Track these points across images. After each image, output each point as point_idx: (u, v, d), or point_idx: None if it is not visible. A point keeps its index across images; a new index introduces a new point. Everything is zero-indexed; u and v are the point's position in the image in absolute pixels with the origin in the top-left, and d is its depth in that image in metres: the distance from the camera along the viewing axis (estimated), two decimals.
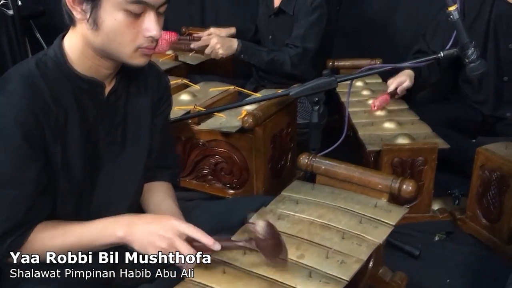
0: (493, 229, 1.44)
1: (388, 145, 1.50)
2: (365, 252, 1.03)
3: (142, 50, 0.92)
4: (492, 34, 1.86)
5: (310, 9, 2.07)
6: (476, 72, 1.34)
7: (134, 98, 1.05)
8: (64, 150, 0.92)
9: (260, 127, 1.51)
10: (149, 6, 0.88)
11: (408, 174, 1.51)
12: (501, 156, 1.39)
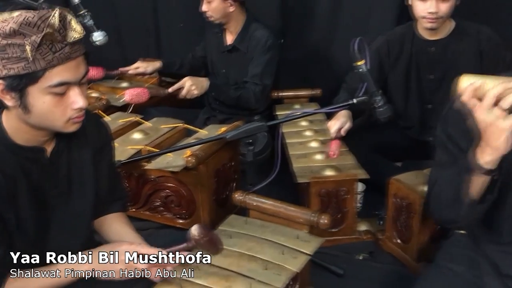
0: (405, 249, 1.66)
1: (315, 178, 1.71)
2: (283, 281, 1.22)
3: (73, 120, 1.06)
4: (414, 67, 2.07)
5: (265, 48, 2.29)
6: (384, 116, 1.56)
7: (76, 151, 1.19)
8: (16, 213, 1.07)
9: (203, 164, 1.70)
10: (72, 83, 1.02)
11: (333, 203, 1.72)
12: (408, 186, 1.62)
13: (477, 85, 1.03)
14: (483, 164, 1.08)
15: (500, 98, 1.01)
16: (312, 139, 2.02)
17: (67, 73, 0.99)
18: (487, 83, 1.02)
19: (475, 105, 1.04)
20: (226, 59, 2.40)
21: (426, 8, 1.83)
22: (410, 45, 2.05)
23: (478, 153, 1.08)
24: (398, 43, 2.07)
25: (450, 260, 1.34)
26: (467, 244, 1.37)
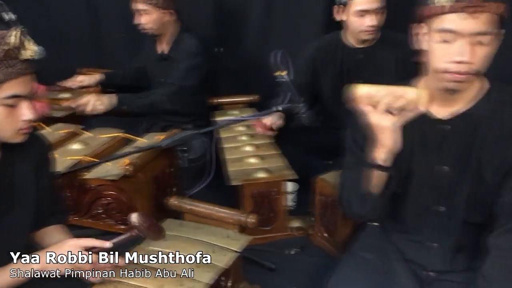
0: (332, 242, 1.81)
1: (247, 180, 1.84)
2: (212, 277, 1.34)
3: (22, 130, 1.17)
4: (345, 74, 2.22)
5: (191, 54, 2.39)
6: (307, 121, 1.70)
7: (19, 166, 1.28)
8: None
9: (141, 172, 1.79)
10: (23, 97, 1.13)
11: (266, 203, 1.85)
12: (332, 185, 1.77)
13: (371, 93, 1.18)
14: (379, 161, 1.24)
15: (389, 105, 1.17)
16: (247, 143, 2.14)
17: (20, 87, 1.11)
18: (379, 91, 1.18)
19: (369, 111, 1.20)
20: (162, 68, 2.49)
21: (366, 22, 2.00)
22: (340, 53, 2.21)
23: (375, 152, 1.24)
24: (328, 50, 2.22)
25: (363, 249, 1.50)
26: (378, 234, 1.53)
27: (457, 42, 1.17)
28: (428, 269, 1.42)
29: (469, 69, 1.18)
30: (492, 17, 1.15)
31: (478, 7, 1.13)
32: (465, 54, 1.16)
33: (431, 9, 1.19)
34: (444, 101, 1.30)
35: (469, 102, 1.30)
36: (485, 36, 1.16)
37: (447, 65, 1.20)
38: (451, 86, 1.24)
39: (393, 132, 1.19)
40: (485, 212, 1.35)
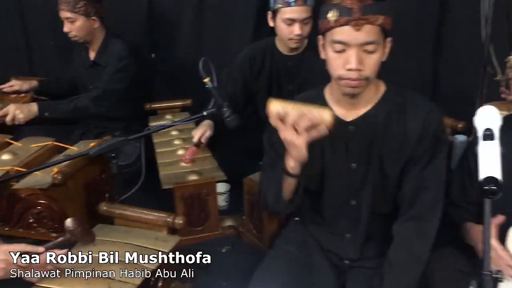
0: (260, 238, 1.91)
1: (178, 183, 1.90)
2: (140, 279, 1.40)
3: None
4: (275, 79, 2.31)
5: (117, 58, 2.41)
6: (232, 125, 1.79)
7: None
8: None
9: (71, 180, 1.81)
10: None
11: (197, 204, 1.92)
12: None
13: (281, 111, 1.28)
14: (289, 169, 1.35)
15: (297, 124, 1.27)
16: (180, 147, 2.21)
17: None
18: (290, 110, 1.28)
19: (279, 127, 1.30)
20: (91, 75, 2.50)
21: (293, 31, 2.10)
22: (271, 59, 2.29)
23: (286, 160, 1.35)
24: (259, 57, 2.29)
25: (285, 243, 1.61)
26: (299, 228, 1.65)
27: (347, 52, 1.29)
28: (343, 258, 1.55)
29: (359, 76, 1.31)
30: (374, 28, 1.28)
31: (359, 20, 1.26)
32: (354, 62, 1.29)
33: (324, 23, 1.32)
34: (347, 105, 1.43)
35: (368, 105, 1.43)
36: (371, 45, 1.29)
37: (341, 73, 1.33)
38: (347, 91, 1.37)
39: (300, 149, 1.29)
40: (390, 203, 1.49)
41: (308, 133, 1.28)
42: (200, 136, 2.08)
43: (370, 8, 1.27)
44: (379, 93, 1.45)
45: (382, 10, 1.29)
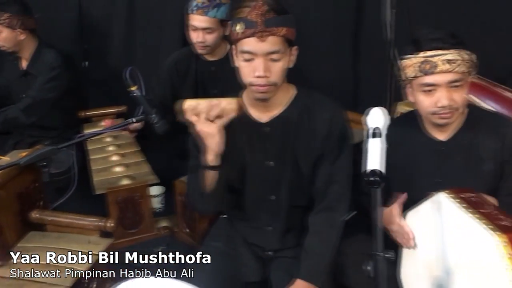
0: (193, 236, 2.02)
1: (112, 188, 1.98)
2: (71, 280, 1.47)
3: None
4: (200, 83, 2.43)
5: (50, 68, 2.44)
6: (161, 130, 1.88)
7: None
8: None
9: (2, 189, 1.84)
10: None
11: (130, 207, 2.00)
12: None
13: (193, 106, 1.40)
14: (209, 162, 1.47)
15: (208, 113, 1.40)
16: (113, 153, 2.27)
17: None
18: (200, 104, 1.40)
19: (194, 120, 1.42)
20: (23, 85, 2.52)
21: (195, 37, 2.22)
22: (195, 64, 2.41)
23: (205, 155, 1.47)
24: (185, 62, 2.40)
25: (213, 239, 1.73)
26: (226, 225, 1.77)
27: (255, 61, 1.43)
28: (266, 249, 1.68)
29: (267, 82, 1.45)
30: (278, 39, 1.42)
31: (263, 32, 1.40)
32: (261, 70, 1.43)
33: (233, 34, 1.45)
34: (261, 107, 1.57)
35: (281, 107, 1.57)
36: (276, 54, 1.43)
37: (251, 80, 1.46)
38: (257, 96, 1.50)
39: (215, 136, 1.42)
40: (306, 197, 1.64)
41: (220, 120, 1.42)
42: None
43: (272, 21, 1.41)
44: (290, 96, 1.59)
45: (285, 23, 1.43)
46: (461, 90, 1.48)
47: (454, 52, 1.45)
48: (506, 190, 1.54)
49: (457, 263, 1.28)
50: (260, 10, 1.41)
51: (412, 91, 1.56)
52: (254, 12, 1.41)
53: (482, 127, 1.57)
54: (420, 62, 1.47)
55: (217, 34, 2.23)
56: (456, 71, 1.45)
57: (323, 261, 1.54)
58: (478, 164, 1.56)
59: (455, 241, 1.29)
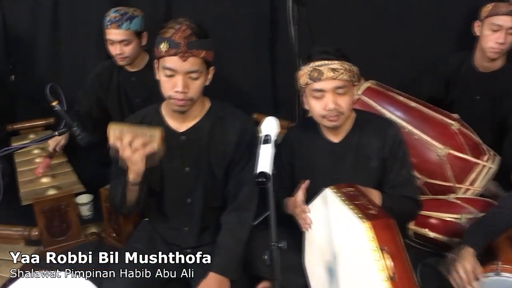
0: (120, 240, 2.14)
1: (38, 198, 2.06)
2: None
3: None
4: (123, 93, 2.52)
5: None
6: (83, 142, 1.98)
7: None
8: None
9: None
10: None
11: (57, 216, 2.09)
12: None
13: (118, 132, 1.54)
14: (131, 180, 1.61)
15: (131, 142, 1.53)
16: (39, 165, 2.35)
17: None
18: (125, 131, 1.54)
19: (117, 146, 1.55)
20: None
21: (114, 50, 2.34)
22: (117, 76, 2.52)
23: (128, 173, 1.60)
24: (107, 74, 2.51)
25: (135, 241, 1.87)
26: (147, 227, 1.91)
27: (175, 77, 1.60)
28: (184, 247, 1.84)
29: (185, 97, 1.62)
30: (197, 60, 1.59)
31: (185, 53, 1.57)
32: (180, 86, 1.60)
33: (157, 51, 1.61)
34: (179, 118, 1.73)
35: (196, 118, 1.74)
36: (195, 73, 1.61)
37: (171, 93, 1.62)
38: (175, 108, 1.66)
39: (136, 163, 1.56)
40: (220, 199, 1.81)
41: (143, 149, 1.55)
42: (55, 145, 2.26)
43: (194, 44, 1.58)
44: (205, 109, 1.76)
45: (204, 46, 1.61)
46: (345, 96, 1.70)
47: (337, 62, 1.67)
48: (389, 183, 1.79)
49: (340, 247, 1.49)
50: (184, 33, 1.58)
51: (306, 99, 1.77)
52: (178, 34, 1.58)
53: (368, 129, 1.81)
54: (310, 71, 1.69)
55: (134, 45, 2.36)
56: (340, 78, 1.67)
57: (234, 256, 1.71)
58: (366, 161, 1.80)
59: (338, 229, 1.50)
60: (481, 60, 2.31)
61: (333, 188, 1.54)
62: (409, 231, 2.07)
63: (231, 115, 1.78)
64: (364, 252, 1.34)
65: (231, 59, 2.79)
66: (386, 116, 2.16)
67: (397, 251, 1.34)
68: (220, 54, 2.38)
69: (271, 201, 1.42)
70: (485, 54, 2.26)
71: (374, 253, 1.31)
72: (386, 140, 1.78)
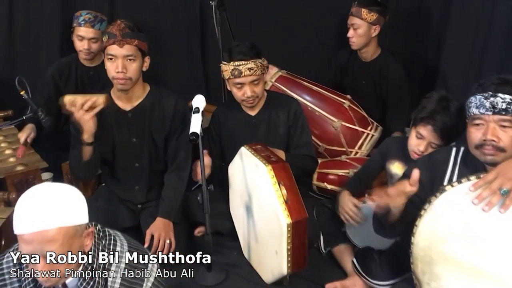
0: None
1: (9, 173, 2.46)
2: None
3: None
4: (80, 85, 2.86)
5: None
6: (47, 124, 2.41)
7: None
8: None
9: None
10: None
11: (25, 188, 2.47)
12: None
13: (71, 100, 1.99)
14: (85, 139, 2.05)
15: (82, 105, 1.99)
16: (6, 148, 2.72)
17: None
18: (77, 98, 1.99)
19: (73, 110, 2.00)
20: None
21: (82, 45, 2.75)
22: (75, 70, 2.92)
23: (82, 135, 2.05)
24: (66, 68, 2.87)
25: (95, 200, 2.31)
26: (105, 190, 2.38)
27: (116, 61, 2.07)
28: (135, 203, 2.32)
29: (124, 76, 2.09)
30: (132, 47, 2.07)
31: (120, 41, 2.05)
32: (120, 67, 2.07)
33: (102, 44, 2.09)
34: (125, 99, 2.20)
35: (140, 99, 2.22)
36: (131, 57, 2.08)
37: (113, 74, 2.10)
38: (119, 87, 2.14)
39: (89, 122, 2.01)
40: (162, 163, 2.31)
41: (91, 111, 2.00)
42: (26, 137, 2.64)
43: (127, 34, 2.07)
44: (146, 91, 2.25)
45: (137, 37, 2.10)
46: (259, 85, 2.25)
47: (252, 62, 2.20)
48: (292, 146, 2.36)
49: (252, 187, 2.04)
50: (119, 27, 2.07)
51: (229, 86, 2.30)
52: (115, 28, 2.07)
53: (276, 105, 2.38)
54: (232, 70, 2.21)
55: (99, 43, 2.78)
56: (254, 74, 2.21)
57: (175, 204, 2.22)
58: (275, 129, 2.37)
59: (251, 174, 2.05)
60: (360, 52, 2.94)
61: (246, 146, 2.09)
62: (313, 187, 2.66)
63: (166, 95, 2.28)
64: (267, 186, 1.89)
65: (168, 53, 3.28)
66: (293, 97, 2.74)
67: (290, 185, 1.89)
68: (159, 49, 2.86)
69: (201, 154, 1.96)
70: None
71: (274, 185, 1.86)
72: (289, 113, 2.35)
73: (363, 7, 2.75)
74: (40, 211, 1.21)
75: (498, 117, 1.46)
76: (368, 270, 1.95)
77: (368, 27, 2.77)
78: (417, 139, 1.90)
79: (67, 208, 1.25)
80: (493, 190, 1.34)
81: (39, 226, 1.21)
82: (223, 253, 2.27)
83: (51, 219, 1.21)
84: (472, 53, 2.64)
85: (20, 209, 1.22)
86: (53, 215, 1.22)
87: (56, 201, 1.24)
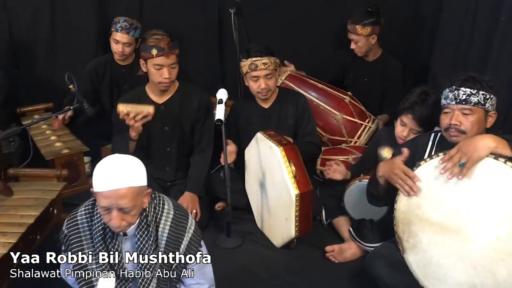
0: None
1: (58, 155, 2.88)
2: (41, 209, 2.39)
3: None
4: (114, 81, 3.30)
5: None
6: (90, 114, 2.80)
7: None
8: None
9: None
10: None
11: (72, 167, 2.91)
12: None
13: (125, 109, 2.39)
14: (132, 137, 2.47)
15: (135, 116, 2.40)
16: (51, 135, 3.15)
17: None
18: (129, 108, 2.40)
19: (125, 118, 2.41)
20: None
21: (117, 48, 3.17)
22: (110, 68, 3.34)
23: (130, 132, 2.47)
24: (102, 67, 3.31)
25: None
26: None
27: (163, 69, 2.49)
28: (166, 181, 2.74)
29: (169, 81, 2.52)
30: (174, 56, 2.49)
31: (168, 53, 2.46)
32: (167, 75, 2.50)
33: (148, 54, 2.48)
34: (159, 94, 2.62)
35: (170, 93, 2.64)
36: (173, 65, 2.50)
37: (160, 80, 2.52)
38: (163, 89, 2.57)
39: (139, 128, 2.43)
40: (189, 147, 2.72)
41: (142, 120, 2.42)
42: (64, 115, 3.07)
43: (172, 46, 2.49)
44: (175, 87, 2.67)
45: (176, 46, 2.52)
46: (272, 79, 2.66)
47: (266, 58, 2.61)
48: (299, 134, 2.77)
49: (266, 166, 2.45)
50: (166, 41, 2.49)
51: (247, 81, 2.71)
52: (162, 42, 2.48)
53: (286, 99, 2.78)
54: (249, 64, 2.62)
55: (133, 47, 3.21)
56: (268, 68, 2.61)
57: (200, 181, 2.64)
58: (285, 120, 2.77)
59: (265, 155, 2.45)
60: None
61: (261, 132, 2.50)
62: (317, 171, 3.06)
63: (192, 90, 2.70)
64: (279, 164, 2.30)
65: (191, 55, 3.69)
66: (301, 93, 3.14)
67: (298, 163, 2.30)
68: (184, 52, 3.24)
69: (223, 137, 2.37)
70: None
71: (285, 163, 2.27)
72: (297, 106, 2.75)
73: (356, 24, 3.16)
74: (116, 174, 1.55)
75: (460, 106, 1.85)
76: (361, 236, 2.35)
77: (366, 39, 3.18)
78: (401, 126, 2.29)
79: (134, 172, 1.60)
80: (454, 163, 1.73)
81: (115, 185, 1.53)
82: (239, 223, 2.68)
83: (123, 180, 1.55)
84: (458, 55, 3.03)
85: (100, 172, 1.58)
86: (125, 177, 1.56)
87: (126, 167, 1.59)
